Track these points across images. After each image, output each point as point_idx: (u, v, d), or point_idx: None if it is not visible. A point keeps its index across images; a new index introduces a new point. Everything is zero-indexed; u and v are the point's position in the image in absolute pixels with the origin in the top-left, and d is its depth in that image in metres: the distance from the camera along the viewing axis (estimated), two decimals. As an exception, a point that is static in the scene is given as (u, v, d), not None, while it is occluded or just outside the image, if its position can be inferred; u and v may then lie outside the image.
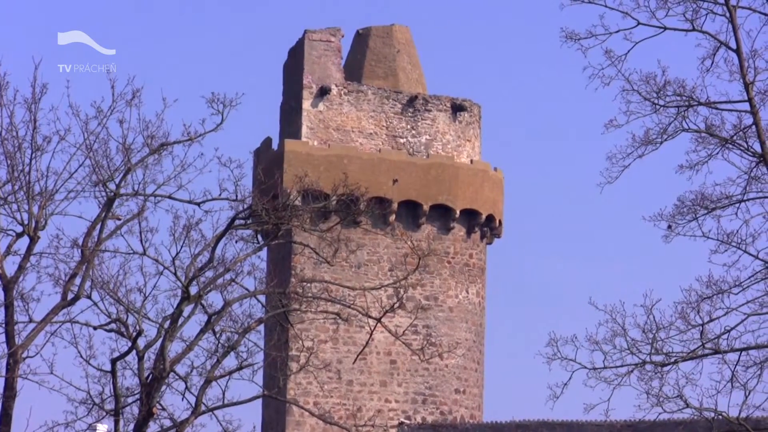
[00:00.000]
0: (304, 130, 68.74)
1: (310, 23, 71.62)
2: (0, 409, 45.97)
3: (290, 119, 70.01)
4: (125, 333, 46.28)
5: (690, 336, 37.66)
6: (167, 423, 47.08)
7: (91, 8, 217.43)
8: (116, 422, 47.03)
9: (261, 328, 50.63)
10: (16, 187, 46.42)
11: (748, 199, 37.37)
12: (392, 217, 68.95)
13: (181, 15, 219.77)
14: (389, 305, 55.27)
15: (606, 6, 37.43)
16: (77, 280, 46.33)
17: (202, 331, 46.77)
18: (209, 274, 47.20)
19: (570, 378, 38.29)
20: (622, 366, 37.80)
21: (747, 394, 37.60)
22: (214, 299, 47.45)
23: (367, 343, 61.28)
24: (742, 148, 37.27)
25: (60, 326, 46.46)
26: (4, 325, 46.08)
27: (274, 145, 69.81)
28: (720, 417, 38.62)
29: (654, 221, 38.36)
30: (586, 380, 38.14)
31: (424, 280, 66.17)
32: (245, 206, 48.83)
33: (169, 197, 47.33)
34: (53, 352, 47.05)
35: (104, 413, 47.24)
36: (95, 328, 46.62)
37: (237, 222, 48.15)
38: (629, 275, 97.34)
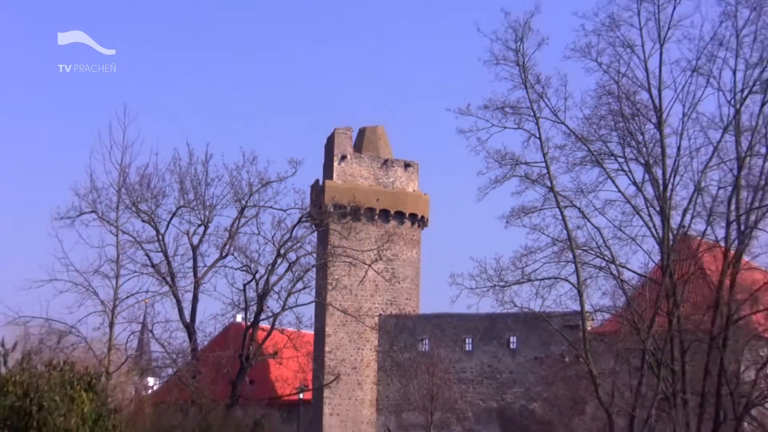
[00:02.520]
0: (334, 175, 68.12)
1: (337, 123, 71.15)
2: (190, 310, 45.50)
3: (328, 170, 69.08)
4: (250, 271, 45.96)
5: (517, 273, 36.47)
6: (269, 314, 46.64)
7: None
8: (245, 314, 46.72)
9: (314, 269, 49.70)
10: (198, 202, 45.98)
11: (543, 209, 36.49)
12: (376, 217, 68.04)
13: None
14: (375, 258, 55.98)
15: (477, 117, 35.91)
16: (227, 247, 46.04)
17: (286, 271, 46.51)
18: (289, 244, 46.57)
19: (460, 293, 36.82)
20: (485, 287, 36.52)
21: (543, 300, 36.56)
22: (291, 256, 46.90)
23: (364, 276, 61.84)
24: (541, 184, 36.49)
25: (218, 268, 46.22)
26: (192, 268, 45.52)
27: (320, 183, 68.76)
28: (530, 311, 37.87)
29: (500, 219, 37.38)
30: (468, 294, 36.89)
31: (391, 247, 63.94)
32: (306, 211, 48.40)
33: (270, 207, 46.69)
34: (215, 281, 47.80)
35: (240, 310, 46.98)
36: (235, 269, 46.31)
37: (302, 220, 47.82)
38: (489, 243, 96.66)
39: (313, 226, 51.30)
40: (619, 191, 35.64)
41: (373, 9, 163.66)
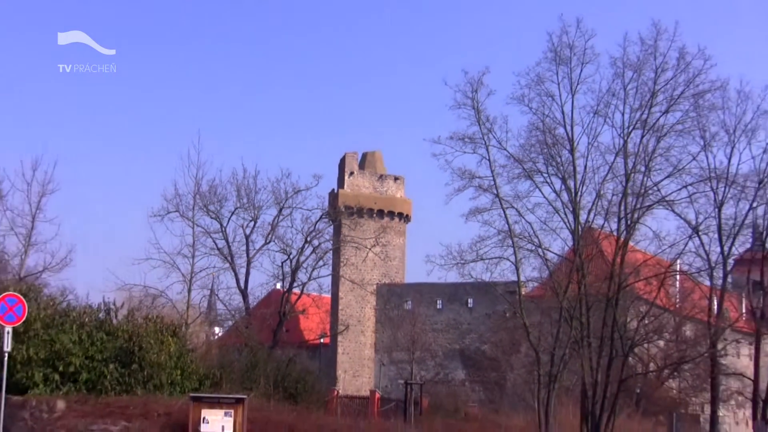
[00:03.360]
0: (345, 186, 67.56)
1: (347, 148, 70.35)
2: (244, 280, 45.02)
3: (340, 182, 68.44)
4: (286, 253, 45.71)
5: (473, 254, 33.83)
6: (299, 283, 46.30)
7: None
8: (282, 283, 46.61)
9: (331, 252, 49.67)
10: (249, 205, 45.62)
11: (491, 209, 34.50)
12: (374, 215, 67.34)
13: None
14: (374, 244, 56.06)
15: (445, 145, 33.53)
16: (270, 236, 45.39)
17: (311, 253, 46.14)
18: (313, 234, 46.10)
19: (433, 268, 36.76)
20: (450, 264, 34.20)
21: (491, 273, 34.43)
22: (315, 242, 46.29)
23: (366, 256, 61.83)
24: (490, 192, 34.54)
25: (264, 251, 45.70)
26: (246, 251, 45.08)
27: (335, 191, 67.70)
28: (482, 281, 36.28)
29: (461, 216, 35.87)
30: (438, 269, 36.94)
31: (385, 236, 63.32)
32: (325, 211, 47.93)
33: (300, 208, 45.93)
34: (262, 260, 46.95)
35: (279, 280, 46.74)
36: (275, 252, 45.93)
37: (323, 217, 47.33)
38: (454, 233, 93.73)
39: (330, 221, 51.25)
40: (544, 197, 34.99)
41: (377, 59, 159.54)
